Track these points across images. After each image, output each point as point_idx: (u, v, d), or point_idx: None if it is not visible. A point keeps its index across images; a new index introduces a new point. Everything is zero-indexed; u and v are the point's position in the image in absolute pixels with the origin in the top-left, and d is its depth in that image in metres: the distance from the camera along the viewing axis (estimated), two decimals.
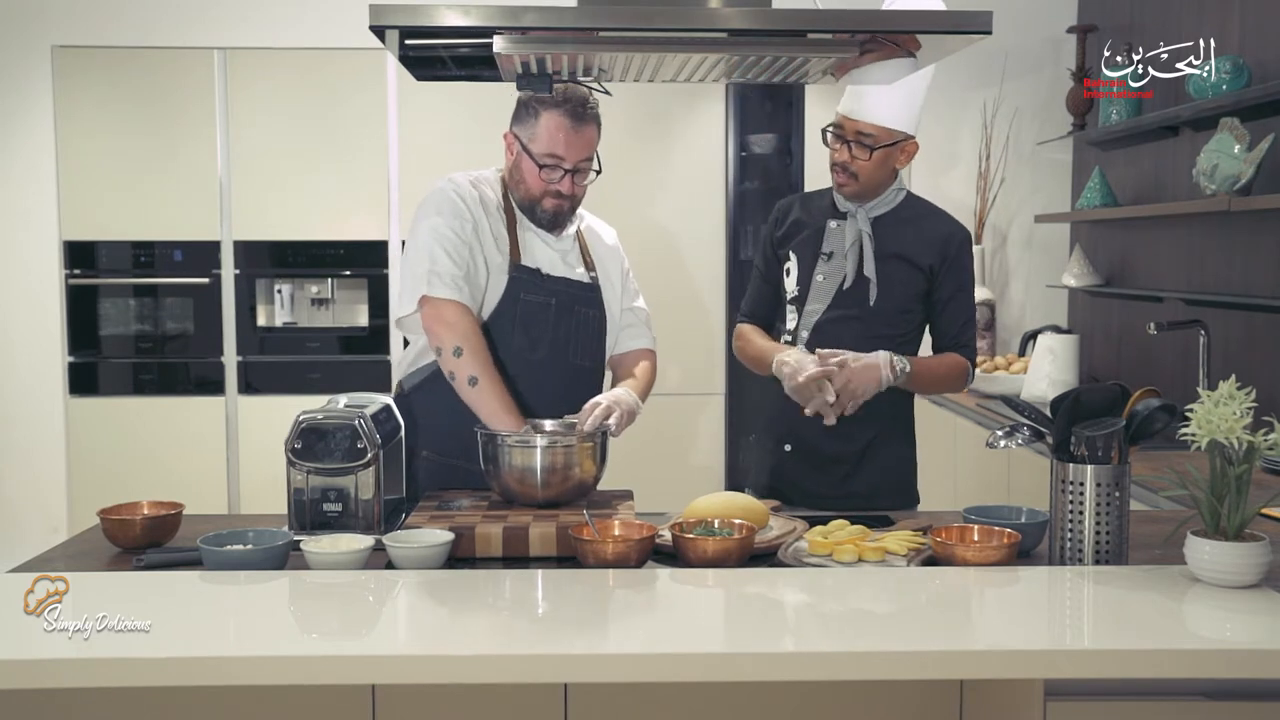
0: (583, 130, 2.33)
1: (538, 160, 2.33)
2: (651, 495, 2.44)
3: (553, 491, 2.10)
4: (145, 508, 2.08)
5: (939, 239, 2.48)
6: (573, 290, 2.42)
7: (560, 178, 2.34)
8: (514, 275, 2.35)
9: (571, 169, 2.34)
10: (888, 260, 2.47)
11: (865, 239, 2.47)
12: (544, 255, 2.41)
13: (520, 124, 2.37)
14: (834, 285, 2.49)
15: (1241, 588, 1.66)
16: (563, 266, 2.43)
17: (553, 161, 2.33)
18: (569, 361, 2.41)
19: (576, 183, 2.37)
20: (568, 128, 2.31)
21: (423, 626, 1.66)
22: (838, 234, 2.51)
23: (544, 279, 2.39)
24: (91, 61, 4.51)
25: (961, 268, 2.50)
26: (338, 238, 4.59)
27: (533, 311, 2.37)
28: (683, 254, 4.60)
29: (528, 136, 2.34)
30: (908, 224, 2.50)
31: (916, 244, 2.48)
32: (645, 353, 2.56)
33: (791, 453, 2.53)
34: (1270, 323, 3.31)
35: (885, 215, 2.50)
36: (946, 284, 2.48)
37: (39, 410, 4.64)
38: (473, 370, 2.24)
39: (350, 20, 4.34)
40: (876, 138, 2.42)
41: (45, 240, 4.59)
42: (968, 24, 1.90)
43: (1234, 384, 1.67)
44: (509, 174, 2.42)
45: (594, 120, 2.35)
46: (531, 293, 2.37)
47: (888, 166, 2.47)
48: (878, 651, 1.47)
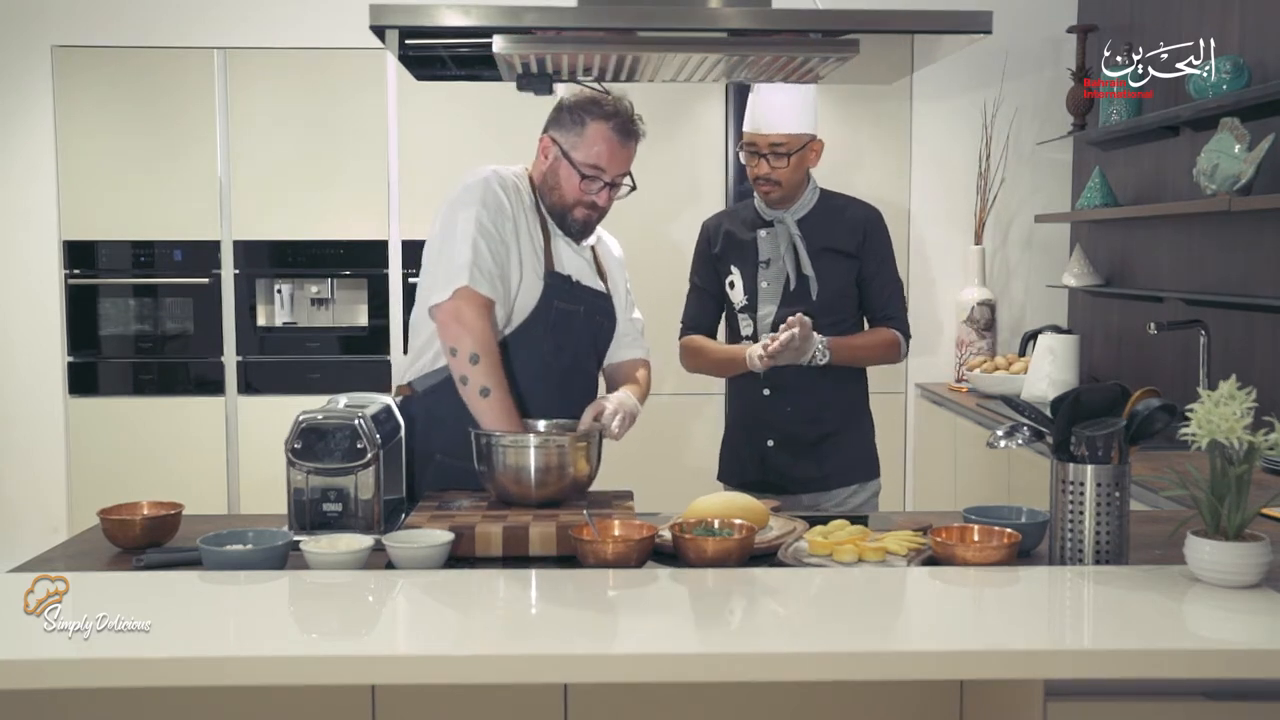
0: (628, 145, 2.35)
1: (580, 169, 2.32)
2: (651, 495, 2.44)
3: (548, 491, 2.10)
4: (145, 508, 2.08)
5: (857, 222, 2.75)
6: (597, 300, 2.44)
7: (599, 189, 2.34)
8: (549, 282, 2.35)
9: (610, 182, 2.35)
10: (820, 255, 2.72)
11: (797, 240, 2.71)
12: (573, 263, 2.42)
13: (561, 129, 2.34)
14: (779, 288, 2.73)
15: (1241, 588, 1.66)
16: (590, 275, 2.44)
17: (594, 173, 2.32)
18: (583, 369, 2.44)
19: (612, 195, 2.38)
20: (615, 141, 2.32)
21: (423, 626, 1.66)
22: (769, 241, 2.75)
23: (574, 287, 2.39)
24: (91, 61, 4.51)
25: (879, 245, 2.75)
26: (338, 238, 4.58)
27: (564, 319, 2.37)
28: (682, 254, 4.58)
29: (570, 144, 2.33)
30: (828, 217, 2.75)
31: (840, 233, 2.73)
32: (642, 362, 2.58)
33: (775, 446, 2.76)
34: (1270, 323, 3.32)
35: (808, 215, 2.75)
36: (869, 262, 2.74)
37: (39, 410, 4.64)
38: (486, 381, 2.22)
39: (350, 20, 4.34)
40: (787, 145, 2.66)
41: (45, 240, 4.59)
42: (968, 24, 1.91)
43: (1234, 384, 1.67)
44: (542, 178, 2.39)
45: (638, 136, 2.37)
46: (564, 300, 2.37)
47: (803, 169, 2.72)
48: (878, 651, 1.47)
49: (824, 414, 2.74)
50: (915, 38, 1.98)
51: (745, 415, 2.82)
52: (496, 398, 2.23)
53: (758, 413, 2.77)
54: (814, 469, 2.74)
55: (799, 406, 2.72)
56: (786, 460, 2.74)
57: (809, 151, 2.70)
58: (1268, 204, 3.02)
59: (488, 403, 2.22)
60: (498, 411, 2.23)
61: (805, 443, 2.74)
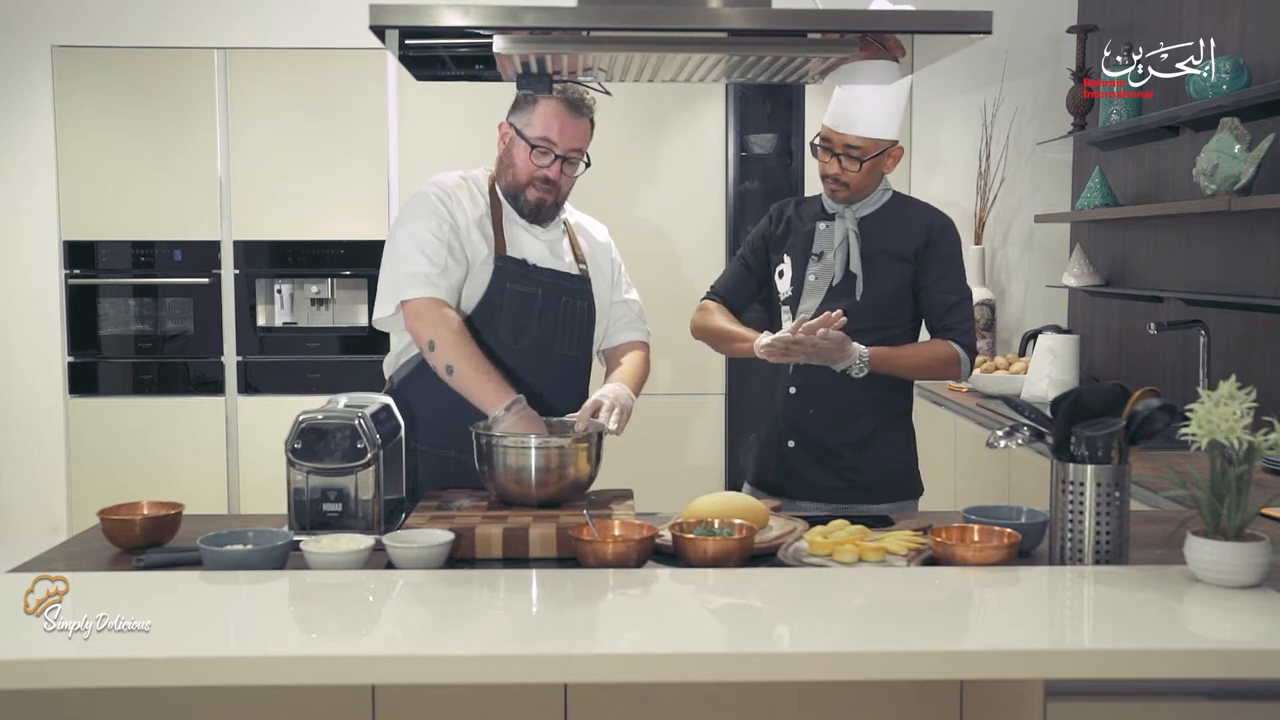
0: (578, 121, 2.37)
1: (531, 142, 2.36)
2: (651, 495, 2.44)
3: (549, 491, 2.10)
4: (145, 508, 2.08)
5: (921, 226, 2.55)
6: (560, 281, 2.43)
7: (550, 162, 2.37)
8: (499, 266, 2.37)
9: (562, 155, 2.37)
10: (874, 257, 2.54)
11: (852, 236, 2.54)
12: (531, 246, 2.43)
13: (517, 112, 2.41)
14: (825, 283, 2.56)
15: (1241, 588, 1.66)
16: (550, 258, 2.44)
17: (545, 145, 2.36)
18: (556, 351, 2.43)
19: (565, 172, 2.40)
20: (563, 115, 2.35)
21: (423, 626, 1.66)
22: (826, 234, 2.58)
23: (530, 269, 2.40)
24: (91, 61, 4.51)
25: (945, 251, 2.56)
26: (338, 238, 4.59)
27: (518, 301, 2.38)
28: (682, 254, 4.60)
29: (523, 122, 2.38)
30: (893, 219, 2.57)
31: (900, 236, 2.55)
32: (637, 344, 2.58)
33: (795, 448, 2.59)
34: (1270, 323, 3.31)
35: (871, 215, 2.57)
36: (931, 268, 2.54)
37: (39, 410, 4.64)
38: (447, 359, 2.26)
39: (350, 20, 4.34)
40: (864, 149, 2.48)
41: (45, 240, 4.59)
42: (968, 24, 1.90)
43: (1234, 384, 1.67)
44: (499, 163, 2.45)
45: (589, 116, 2.40)
46: (517, 283, 2.38)
47: (876, 173, 2.55)
48: (878, 651, 1.47)
49: (853, 421, 2.53)
50: (915, 38, 1.98)
51: (769, 413, 2.67)
52: (462, 370, 2.25)
53: (780, 411, 2.61)
54: (836, 479, 2.55)
55: (823, 409, 2.54)
56: (806, 465, 2.57)
57: (886, 158, 2.52)
58: (1268, 204, 3.02)
59: (457, 378, 2.25)
60: (470, 382, 2.24)
61: (829, 449, 2.55)
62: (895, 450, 2.60)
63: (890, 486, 2.57)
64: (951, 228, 2.59)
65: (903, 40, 2.00)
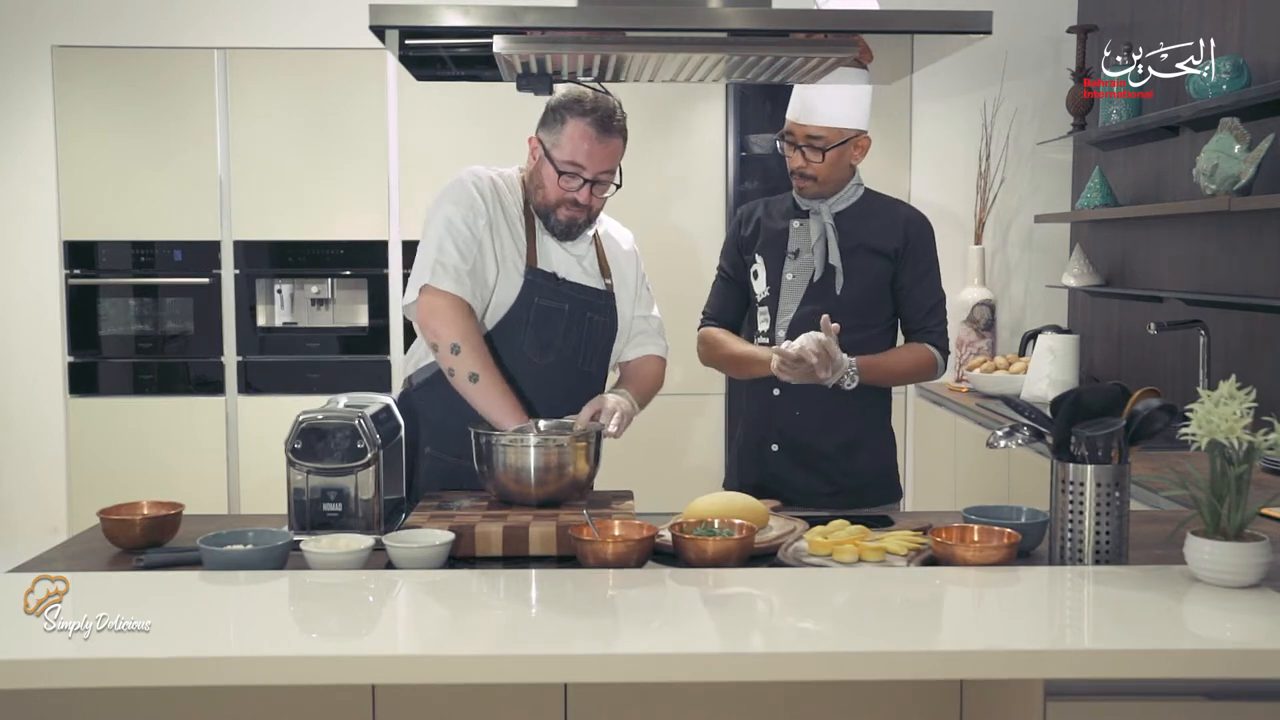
0: (608, 141, 2.30)
1: (558, 167, 2.30)
2: (651, 495, 2.44)
3: (548, 490, 2.10)
4: (145, 508, 2.08)
5: (897, 224, 2.56)
6: (587, 297, 2.40)
7: (579, 187, 2.31)
8: (529, 279, 2.33)
9: (591, 179, 2.31)
10: (852, 252, 2.54)
11: (829, 231, 2.54)
12: (561, 260, 2.39)
13: (546, 129, 2.33)
14: (803, 282, 2.56)
15: (1241, 588, 1.66)
16: (579, 272, 2.41)
17: (573, 170, 2.29)
18: (577, 368, 2.40)
19: (595, 194, 2.34)
20: (593, 137, 2.28)
21: (423, 626, 1.66)
22: (802, 232, 2.59)
23: (559, 284, 2.37)
24: (91, 61, 4.51)
25: (923, 252, 2.57)
26: (338, 238, 4.58)
27: (546, 316, 2.35)
28: (682, 254, 4.60)
29: (551, 142, 2.31)
30: (868, 216, 2.58)
31: (878, 232, 2.55)
32: (653, 359, 2.55)
33: (778, 452, 2.59)
34: (1270, 323, 3.31)
35: (846, 210, 2.58)
36: (909, 270, 2.56)
37: (39, 410, 4.64)
38: (473, 367, 2.22)
39: (350, 20, 4.34)
40: (826, 139, 2.50)
41: (45, 240, 4.59)
42: (967, 24, 1.91)
43: (1234, 384, 1.67)
44: (529, 178, 2.39)
45: (620, 133, 2.32)
46: (546, 298, 2.35)
47: (843, 164, 2.55)
48: (877, 651, 1.47)
49: (836, 425, 2.55)
50: (915, 38, 1.98)
51: (751, 415, 2.67)
52: (486, 381, 2.21)
53: (764, 414, 2.61)
54: (821, 483, 2.56)
55: (808, 413, 2.54)
56: (790, 469, 2.57)
57: (851, 147, 2.53)
58: (1268, 204, 3.02)
59: (479, 388, 2.21)
60: (492, 395, 2.21)
61: (814, 453, 2.56)
62: (879, 454, 2.62)
63: (874, 490, 2.58)
64: (928, 226, 2.60)
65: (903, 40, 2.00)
